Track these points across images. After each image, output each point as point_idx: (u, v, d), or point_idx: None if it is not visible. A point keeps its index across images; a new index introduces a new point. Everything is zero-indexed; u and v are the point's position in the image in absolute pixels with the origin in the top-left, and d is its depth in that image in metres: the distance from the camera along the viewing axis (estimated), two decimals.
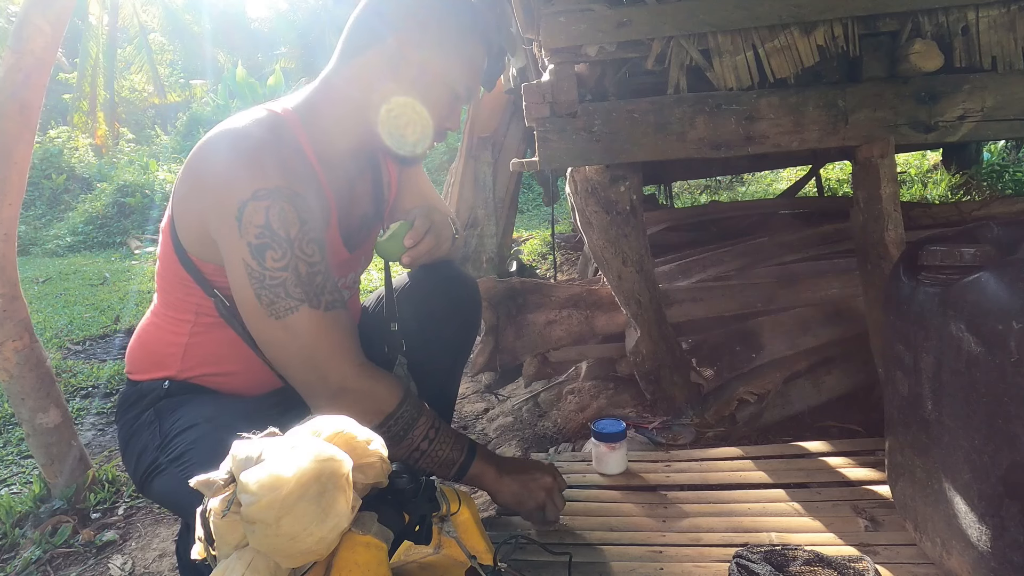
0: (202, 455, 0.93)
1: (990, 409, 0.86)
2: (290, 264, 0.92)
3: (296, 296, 0.93)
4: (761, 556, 1.04)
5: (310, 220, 0.95)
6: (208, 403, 1.04)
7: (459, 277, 1.28)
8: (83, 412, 2.58)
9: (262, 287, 0.93)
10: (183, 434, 0.99)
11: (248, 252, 0.92)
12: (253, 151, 0.95)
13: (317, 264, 0.95)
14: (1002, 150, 5.30)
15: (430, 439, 1.04)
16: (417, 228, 1.07)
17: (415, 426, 1.02)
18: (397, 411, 1.00)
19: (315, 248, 0.95)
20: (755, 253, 2.18)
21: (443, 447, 1.06)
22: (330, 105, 1.06)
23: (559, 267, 3.81)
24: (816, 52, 1.30)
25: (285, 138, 1.00)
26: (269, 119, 1.00)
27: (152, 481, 1.01)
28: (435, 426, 1.05)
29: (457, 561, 1.00)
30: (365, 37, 1.04)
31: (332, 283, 0.98)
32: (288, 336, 0.94)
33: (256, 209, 0.91)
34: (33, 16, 1.57)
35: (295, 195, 0.94)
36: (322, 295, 0.95)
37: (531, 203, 7.43)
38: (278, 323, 0.93)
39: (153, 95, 14.83)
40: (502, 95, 3.19)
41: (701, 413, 1.70)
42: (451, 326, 1.25)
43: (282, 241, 0.92)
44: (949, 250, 1.04)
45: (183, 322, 1.07)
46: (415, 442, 1.03)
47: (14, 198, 1.63)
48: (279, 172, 0.94)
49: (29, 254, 7.10)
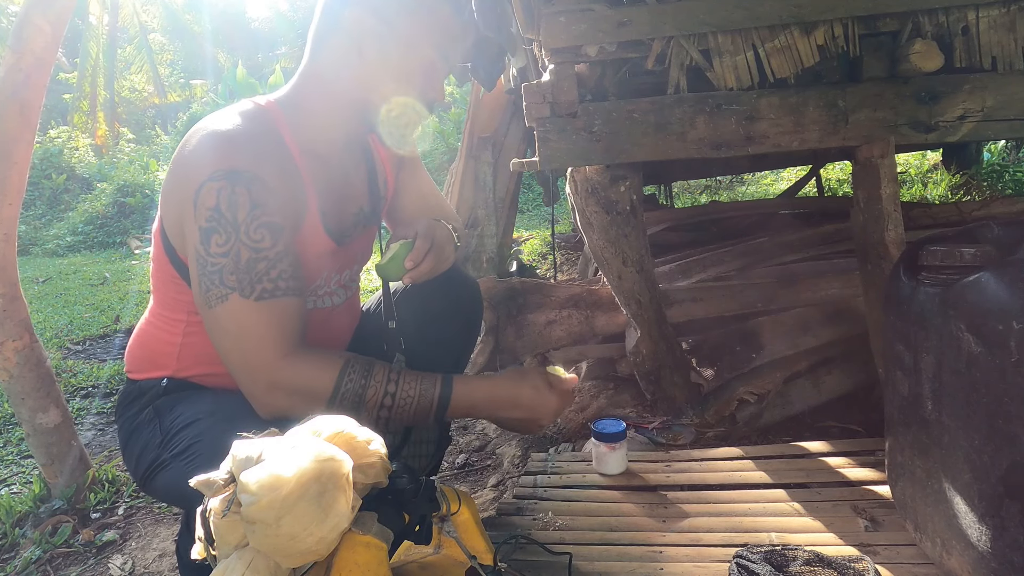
0: (207, 448, 0.92)
1: (990, 409, 0.86)
2: (232, 249, 0.90)
3: (229, 284, 0.90)
4: (761, 556, 1.04)
5: (266, 204, 0.92)
6: (207, 398, 1.04)
7: (460, 278, 1.28)
8: (83, 412, 2.58)
9: (204, 274, 0.91)
10: (185, 430, 0.99)
11: (198, 237, 0.91)
12: (221, 137, 0.94)
13: (265, 250, 0.92)
14: (1002, 150, 5.30)
15: (392, 390, 0.98)
16: (418, 249, 1.05)
17: (369, 385, 0.97)
18: (339, 387, 0.95)
19: (265, 233, 0.92)
20: (755, 253, 2.18)
21: (410, 388, 0.99)
22: (309, 97, 1.05)
23: (559, 267, 3.81)
24: (816, 52, 1.30)
25: (263, 127, 0.99)
26: (250, 111, 1.00)
27: (156, 477, 1.00)
28: (393, 375, 0.99)
29: (457, 561, 0.99)
30: (328, 21, 1.03)
31: (284, 271, 0.94)
32: (217, 327, 0.92)
33: (210, 191, 0.90)
34: (33, 16, 1.57)
35: (254, 179, 0.92)
36: (259, 283, 0.91)
37: (531, 203, 7.42)
38: (210, 312, 0.91)
39: (153, 95, 14.83)
40: (502, 95, 3.19)
41: (701, 413, 1.70)
42: (452, 327, 1.25)
43: (228, 225, 0.90)
44: (949, 250, 1.04)
45: (176, 322, 1.07)
46: (377, 398, 0.97)
47: (14, 198, 1.63)
48: (243, 156, 0.93)
49: (29, 254, 7.10)
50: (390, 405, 0.98)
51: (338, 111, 1.06)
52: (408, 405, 0.99)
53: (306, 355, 0.96)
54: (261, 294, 0.92)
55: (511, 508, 1.37)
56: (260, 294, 0.92)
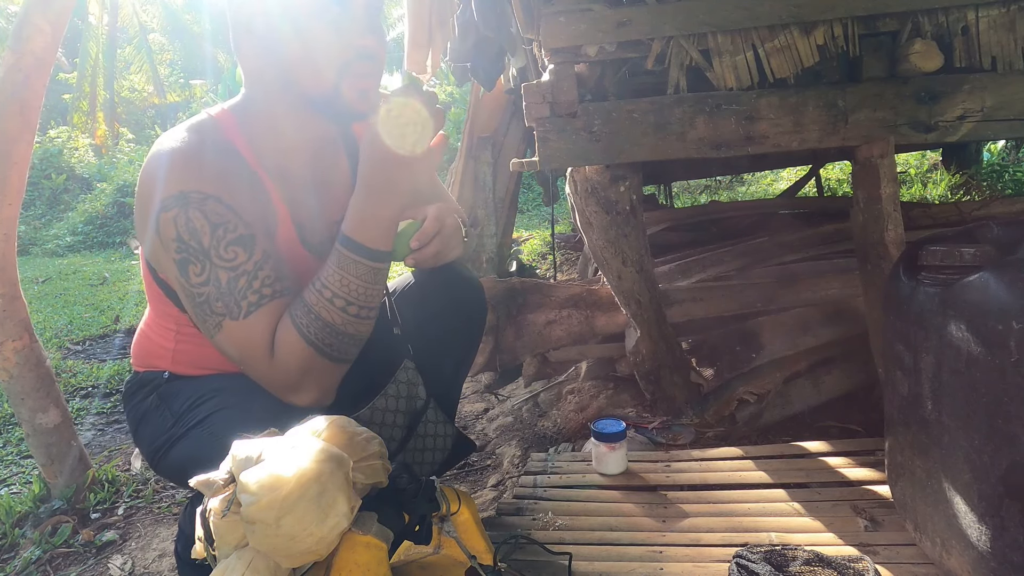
0: (223, 418, 0.94)
1: (990, 409, 0.86)
2: (211, 276, 0.90)
3: (218, 312, 0.90)
4: (761, 556, 1.04)
5: (227, 221, 0.91)
6: (212, 380, 1.05)
7: (464, 278, 1.27)
8: (83, 412, 2.58)
9: (194, 305, 0.92)
10: (199, 407, 0.99)
11: (176, 270, 0.91)
12: (166, 159, 0.92)
13: (242, 265, 0.91)
14: (1002, 150, 5.30)
15: (330, 286, 0.93)
16: (425, 230, 1.02)
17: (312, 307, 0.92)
18: (305, 334, 0.92)
19: (237, 250, 0.91)
20: (755, 253, 2.18)
21: (332, 272, 0.93)
22: (255, 102, 1.03)
23: (559, 267, 3.81)
24: (816, 52, 1.30)
25: (213, 139, 0.96)
26: (199, 123, 0.98)
27: (170, 451, 1.00)
28: (316, 283, 0.94)
29: (457, 561, 1.00)
30: (232, 22, 1.00)
31: (267, 277, 0.92)
32: (225, 352, 0.93)
33: (166, 221, 0.89)
34: (33, 16, 1.57)
35: (205, 198, 0.90)
36: (244, 299, 0.90)
37: (531, 203, 7.43)
38: (214, 341, 0.93)
39: (153, 95, 14.82)
40: (502, 95, 3.19)
41: (701, 413, 1.70)
42: (455, 327, 1.24)
43: (198, 252, 0.89)
44: (949, 250, 1.04)
45: (168, 330, 1.07)
46: (332, 308, 0.92)
47: (14, 198, 1.63)
48: (189, 176, 0.91)
49: (29, 254, 7.10)
50: (344, 300, 0.93)
51: (290, 114, 1.01)
52: (345, 282, 0.93)
53: (275, 345, 0.93)
54: (249, 309, 0.91)
55: (511, 508, 1.37)
56: (248, 310, 0.91)
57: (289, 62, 0.97)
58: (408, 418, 1.14)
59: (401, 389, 1.13)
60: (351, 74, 0.96)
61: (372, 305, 0.96)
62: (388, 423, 1.11)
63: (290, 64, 0.97)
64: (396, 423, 1.12)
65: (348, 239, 0.94)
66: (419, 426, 1.15)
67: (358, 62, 0.97)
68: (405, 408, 1.13)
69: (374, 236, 0.94)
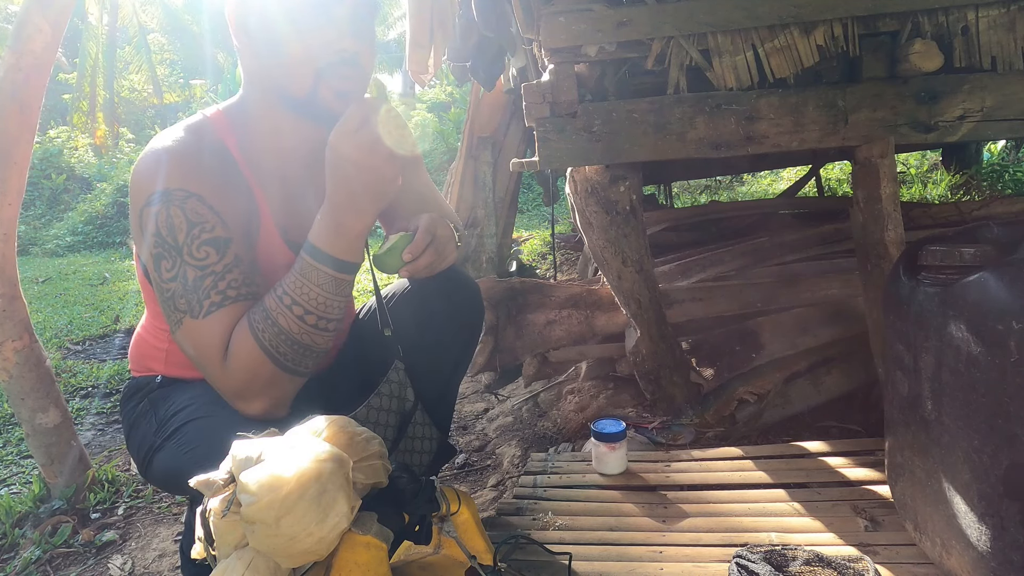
0: (195, 428, 0.95)
1: (990, 409, 0.86)
2: (179, 273, 0.90)
3: (181, 308, 0.91)
4: (761, 556, 1.05)
5: (205, 221, 0.91)
6: (196, 387, 1.05)
7: (460, 280, 1.26)
8: (83, 412, 2.58)
9: (162, 300, 0.93)
10: (176, 415, 1.01)
11: (152, 264, 0.92)
12: (155, 157, 0.94)
13: (211, 266, 0.91)
14: (1002, 150, 5.30)
15: (290, 294, 0.91)
16: (417, 242, 1.01)
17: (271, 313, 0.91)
18: (260, 340, 0.91)
19: (209, 250, 0.91)
20: (755, 253, 2.18)
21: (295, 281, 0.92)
22: (249, 103, 1.04)
23: (559, 267, 3.81)
24: (816, 52, 1.30)
25: (204, 139, 0.98)
26: (193, 123, 1.00)
27: (152, 461, 1.02)
28: (278, 289, 0.92)
29: (457, 561, 1.00)
30: (231, 25, 1.01)
31: (234, 280, 0.92)
32: (184, 349, 0.94)
33: (148, 216, 0.91)
34: (33, 16, 1.57)
35: (188, 196, 0.91)
36: (207, 298, 0.90)
37: (531, 203, 7.43)
38: (175, 338, 0.94)
39: (153, 95, 14.81)
40: (502, 95, 3.19)
41: (701, 413, 1.70)
42: (452, 330, 1.24)
43: (171, 249, 0.90)
44: (949, 250, 1.04)
45: (161, 330, 1.08)
46: (290, 315, 0.91)
47: (14, 198, 1.63)
48: (176, 174, 0.92)
49: (29, 254, 7.10)
50: (302, 308, 0.91)
51: (283, 115, 1.02)
52: (305, 290, 0.91)
53: (229, 348, 0.92)
54: (209, 309, 0.91)
55: (511, 508, 1.37)
56: (208, 309, 0.91)
57: (273, 63, 0.98)
58: (399, 418, 1.15)
59: (393, 389, 1.13)
60: (330, 76, 0.97)
61: (331, 316, 0.95)
62: (382, 423, 1.11)
63: (273, 65, 0.98)
64: (389, 423, 1.13)
65: (312, 246, 0.93)
66: (408, 427, 1.16)
67: (338, 66, 0.97)
68: (396, 408, 1.14)
69: (340, 246, 0.93)
